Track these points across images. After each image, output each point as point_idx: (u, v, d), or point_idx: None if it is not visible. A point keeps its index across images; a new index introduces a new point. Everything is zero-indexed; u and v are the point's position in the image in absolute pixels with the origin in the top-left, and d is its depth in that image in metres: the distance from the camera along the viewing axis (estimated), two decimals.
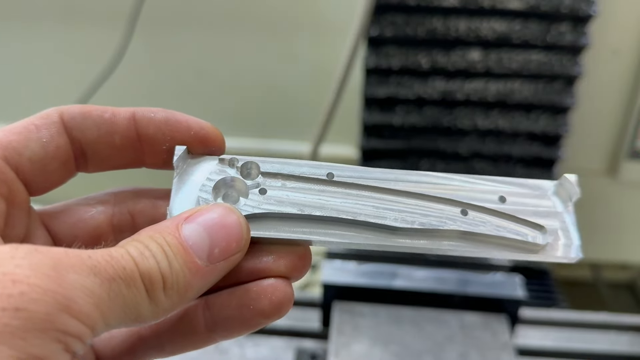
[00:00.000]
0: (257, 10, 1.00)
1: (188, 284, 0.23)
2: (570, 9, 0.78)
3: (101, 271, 0.21)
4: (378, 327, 0.66)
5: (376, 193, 0.27)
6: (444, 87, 0.83)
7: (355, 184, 0.27)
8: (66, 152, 0.27)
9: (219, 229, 0.25)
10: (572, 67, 0.81)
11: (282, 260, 0.27)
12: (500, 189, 0.28)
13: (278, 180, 0.27)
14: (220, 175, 0.27)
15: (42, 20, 1.03)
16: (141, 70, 1.05)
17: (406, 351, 0.64)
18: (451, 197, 0.27)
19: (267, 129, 1.11)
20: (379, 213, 0.27)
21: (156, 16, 0.98)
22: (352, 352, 0.63)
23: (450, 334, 0.66)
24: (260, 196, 0.27)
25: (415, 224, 0.26)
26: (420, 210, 0.27)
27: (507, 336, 0.66)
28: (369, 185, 0.27)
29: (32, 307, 0.19)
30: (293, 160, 0.28)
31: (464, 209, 0.27)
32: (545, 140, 0.85)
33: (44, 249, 0.20)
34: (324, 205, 0.27)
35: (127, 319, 0.22)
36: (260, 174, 0.28)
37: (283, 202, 0.27)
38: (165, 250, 0.23)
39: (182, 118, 0.28)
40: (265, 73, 1.05)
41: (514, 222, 0.27)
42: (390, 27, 0.80)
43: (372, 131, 0.87)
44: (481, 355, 0.63)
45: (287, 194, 0.27)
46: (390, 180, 0.27)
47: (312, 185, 0.27)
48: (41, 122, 0.27)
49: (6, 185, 0.25)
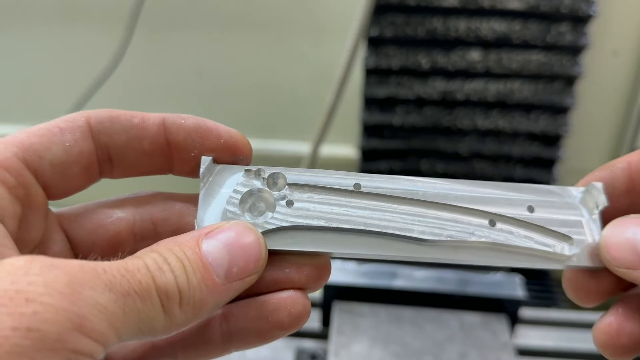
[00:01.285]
0: (257, 10, 1.00)
1: (204, 300, 0.23)
2: (570, 9, 0.78)
3: (116, 286, 0.21)
4: (378, 327, 0.66)
5: (403, 205, 0.27)
6: (444, 87, 0.83)
7: (382, 195, 0.27)
8: (89, 157, 0.26)
9: (238, 248, 0.24)
10: (572, 67, 0.81)
11: (303, 271, 0.26)
12: (528, 198, 0.28)
13: (305, 192, 0.27)
14: (246, 186, 0.27)
15: (42, 20, 1.03)
16: (141, 70, 1.05)
17: (406, 351, 0.64)
18: (479, 207, 0.27)
19: (267, 129, 1.11)
20: (406, 225, 0.27)
21: (156, 16, 0.98)
22: (352, 352, 0.63)
23: (450, 334, 0.66)
24: (287, 208, 0.27)
25: (443, 236, 0.26)
26: (448, 221, 0.27)
27: (507, 336, 0.66)
28: (396, 196, 0.27)
29: (44, 327, 0.19)
30: (319, 171, 0.28)
31: (492, 219, 0.27)
32: (545, 140, 0.86)
33: (59, 263, 0.20)
34: (351, 217, 0.27)
35: (140, 333, 0.22)
36: (287, 185, 0.27)
37: (310, 215, 0.27)
38: (184, 264, 0.23)
39: (212, 125, 0.28)
40: (265, 73, 1.05)
41: (541, 233, 0.27)
42: (390, 27, 0.81)
43: (372, 131, 0.87)
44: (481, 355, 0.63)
45: (314, 206, 0.27)
46: (418, 190, 0.27)
47: (338, 196, 0.27)
48: (66, 126, 0.26)
49: (23, 188, 0.25)
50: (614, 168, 0.29)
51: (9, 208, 0.24)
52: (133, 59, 0.98)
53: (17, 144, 0.25)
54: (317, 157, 0.90)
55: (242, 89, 1.07)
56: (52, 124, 0.26)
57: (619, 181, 0.28)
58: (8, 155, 0.24)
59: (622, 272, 0.25)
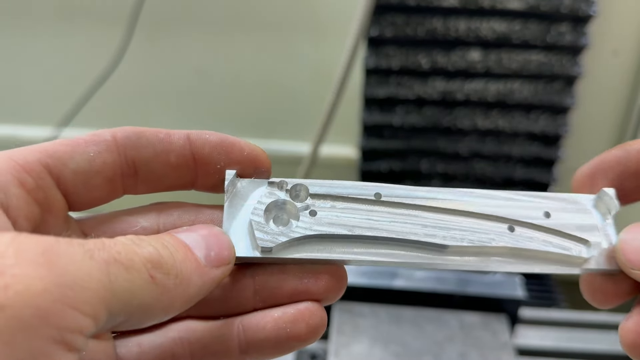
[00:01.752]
0: (257, 10, 1.00)
1: (190, 278, 0.23)
2: (570, 9, 0.78)
3: (96, 254, 0.19)
4: (378, 327, 0.66)
5: (423, 212, 0.28)
6: (444, 87, 0.83)
7: (402, 204, 0.28)
8: (113, 170, 0.27)
9: (212, 236, 0.25)
10: (572, 67, 0.81)
11: (322, 282, 0.27)
12: (543, 204, 0.28)
13: (327, 202, 0.28)
14: (270, 198, 0.28)
15: (42, 20, 1.03)
16: (141, 70, 1.05)
17: (406, 351, 0.64)
18: (497, 214, 0.28)
19: (267, 129, 1.11)
20: (427, 231, 0.27)
21: (156, 16, 0.98)
22: (352, 352, 0.63)
23: (450, 334, 0.66)
24: (311, 218, 0.27)
25: (465, 241, 0.27)
26: (468, 227, 0.27)
27: (507, 336, 0.66)
28: (416, 204, 0.28)
29: (17, 302, 0.16)
30: (340, 182, 0.28)
31: (511, 225, 0.28)
32: (545, 140, 0.86)
33: (32, 235, 0.19)
34: (373, 225, 0.27)
35: (132, 308, 0.20)
36: (309, 196, 0.28)
37: (333, 224, 0.27)
38: (165, 244, 0.23)
39: (234, 140, 0.29)
40: (265, 73, 1.05)
41: (559, 237, 0.28)
42: (390, 27, 0.81)
43: (372, 131, 0.87)
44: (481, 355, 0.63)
45: (336, 215, 0.27)
46: (436, 199, 0.28)
47: (360, 205, 0.28)
48: (90, 139, 0.27)
49: (43, 192, 0.25)
50: (630, 149, 0.29)
51: (24, 208, 0.24)
52: (133, 59, 0.98)
53: (41, 150, 0.25)
54: (317, 157, 0.90)
55: (242, 89, 1.07)
56: (77, 137, 0.27)
57: (632, 162, 0.29)
58: (30, 160, 0.25)
59: (638, 274, 0.26)
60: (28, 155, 0.25)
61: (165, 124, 1.21)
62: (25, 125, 1.11)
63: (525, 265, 0.27)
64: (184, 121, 1.12)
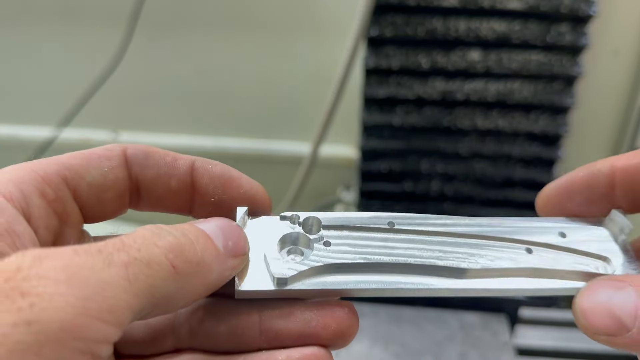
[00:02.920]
0: (257, 10, 1.00)
1: (210, 265, 0.23)
2: (570, 9, 0.78)
3: (115, 260, 0.20)
4: (378, 327, 0.66)
5: (439, 237, 0.27)
6: (444, 87, 0.83)
7: (416, 230, 0.27)
8: (123, 185, 0.27)
9: (229, 227, 0.25)
10: (572, 67, 0.81)
11: (331, 327, 0.26)
12: (557, 225, 0.28)
13: (341, 232, 0.27)
14: (283, 231, 0.27)
15: (42, 20, 1.03)
16: (141, 70, 1.05)
17: (406, 351, 0.64)
18: (513, 236, 0.27)
19: (267, 129, 1.11)
20: (446, 256, 0.26)
21: (156, 16, 0.98)
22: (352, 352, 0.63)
23: (450, 334, 0.66)
24: (326, 248, 0.27)
25: (483, 264, 0.26)
26: (486, 252, 0.27)
27: (506, 336, 0.66)
28: (430, 230, 0.27)
29: (44, 317, 0.17)
30: (352, 213, 0.28)
31: (528, 247, 0.27)
32: (545, 140, 0.85)
33: (51, 252, 0.19)
34: (389, 252, 0.26)
35: (156, 302, 0.21)
36: (322, 228, 0.27)
37: (349, 252, 0.26)
38: (184, 232, 0.23)
39: (236, 175, 0.28)
40: (265, 73, 1.05)
41: (577, 255, 0.27)
42: (390, 27, 0.80)
43: (372, 131, 0.87)
44: (481, 355, 0.63)
45: (351, 244, 0.27)
46: (449, 226, 0.28)
47: (374, 234, 0.27)
48: (103, 153, 0.27)
49: (62, 204, 0.25)
50: (597, 171, 0.28)
51: (44, 219, 0.24)
52: (133, 59, 0.98)
53: (58, 163, 0.26)
54: (317, 157, 0.90)
55: (242, 89, 1.07)
56: (91, 150, 0.27)
57: (599, 184, 0.28)
58: (50, 171, 0.25)
59: (604, 339, 0.24)
60: (47, 167, 0.25)
61: (165, 124, 1.21)
62: (25, 125, 1.11)
63: (547, 286, 0.27)
64: (184, 121, 1.12)
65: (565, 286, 0.27)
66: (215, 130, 1.11)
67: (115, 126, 1.11)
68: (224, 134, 1.11)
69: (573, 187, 0.29)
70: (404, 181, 0.89)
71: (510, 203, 0.89)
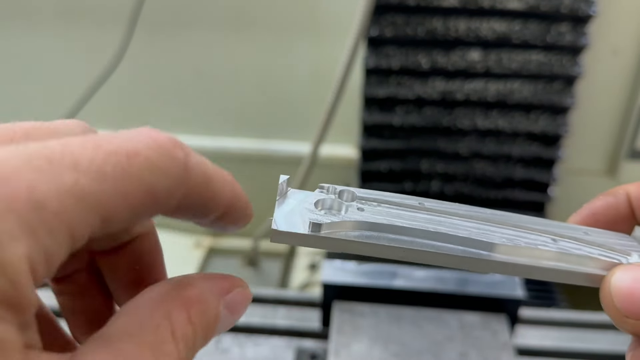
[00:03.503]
0: (257, 10, 1.00)
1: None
2: (570, 9, 0.78)
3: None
4: (378, 327, 0.66)
5: (468, 221, 0.28)
6: (444, 87, 0.83)
7: (447, 212, 0.28)
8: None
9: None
10: (572, 67, 0.81)
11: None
12: (580, 227, 0.29)
13: (374, 204, 0.28)
14: (320, 197, 0.28)
15: (42, 20, 1.03)
16: (141, 70, 1.05)
17: (406, 351, 0.64)
18: (541, 229, 0.28)
19: (267, 129, 1.11)
20: (477, 234, 0.27)
21: (156, 16, 0.98)
22: (352, 352, 0.63)
23: (450, 334, 0.66)
24: (360, 212, 0.27)
25: (512, 242, 0.27)
26: (513, 234, 0.28)
27: (507, 336, 0.66)
28: (460, 213, 0.28)
29: None
30: (384, 192, 0.29)
31: (554, 238, 0.28)
32: (545, 140, 0.86)
33: None
34: (422, 224, 0.27)
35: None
36: (357, 199, 0.28)
37: (381, 217, 0.27)
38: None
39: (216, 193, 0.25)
40: (265, 73, 1.05)
41: (602, 249, 0.28)
42: (390, 27, 0.81)
43: (372, 131, 0.87)
44: (481, 355, 0.63)
45: (385, 212, 0.28)
46: (479, 213, 0.29)
47: (406, 210, 0.28)
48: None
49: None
50: (619, 194, 0.29)
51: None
52: (133, 59, 0.98)
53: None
54: (317, 157, 0.90)
55: (242, 89, 1.07)
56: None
57: (622, 206, 0.29)
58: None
59: (632, 324, 0.24)
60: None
61: (165, 124, 1.21)
62: None
63: (572, 268, 0.27)
64: (184, 121, 1.12)
65: (591, 271, 0.27)
66: (215, 130, 1.11)
67: (115, 126, 1.11)
68: (224, 134, 1.11)
69: (597, 212, 0.30)
70: (404, 181, 0.89)
71: (510, 203, 0.89)
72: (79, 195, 0.17)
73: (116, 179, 0.18)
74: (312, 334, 0.70)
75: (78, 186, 0.17)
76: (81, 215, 0.17)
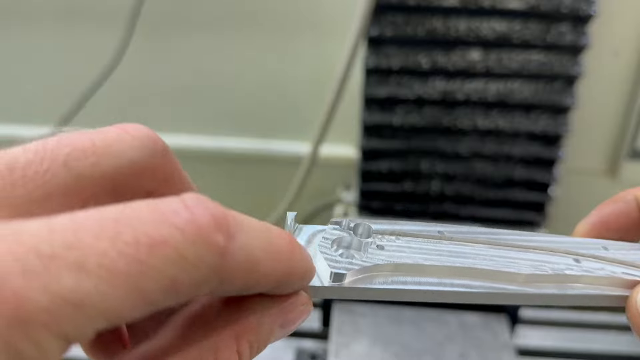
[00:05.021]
0: (257, 10, 1.00)
1: None
2: (570, 9, 0.78)
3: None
4: (378, 327, 0.66)
5: (490, 248, 0.27)
6: (444, 87, 0.83)
7: (468, 239, 0.27)
8: None
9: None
10: (572, 67, 0.81)
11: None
12: (598, 241, 0.29)
13: (392, 237, 0.27)
14: (335, 235, 0.26)
15: (42, 20, 1.03)
16: (141, 70, 1.05)
17: (406, 351, 0.64)
18: (560, 249, 0.28)
19: (267, 129, 1.11)
20: (500, 262, 0.27)
21: (156, 16, 0.98)
22: (352, 352, 0.63)
23: (450, 334, 0.66)
24: (379, 251, 0.26)
25: (539, 270, 0.27)
26: (537, 260, 0.27)
27: (507, 336, 0.66)
28: (481, 239, 0.28)
29: None
30: (401, 221, 0.28)
31: (576, 258, 0.28)
32: (545, 140, 0.85)
33: None
34: (444, 257, 0.26)
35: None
36: (373, 234, 0.27)
37: (404, 256, 0.26)
38: None
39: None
40: (265, 73, 1.05)
41: (624, 265, 0.28)
42: (390, 27, 0.80)
43: (372, 131, 0.86)
44: (481, 355, 0.63)
45: (405, 249, 0.26)
46: (499, 238, 0.28)
47: (426, 242, 0.27)
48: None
49: None
50: (629, 199, 0.29)
51: None
52: (133, 59, 0.98)
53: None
54: (317, 157, 0.90)
55: (242, 89, 1.07)
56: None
57: (634, 211, 0.29)
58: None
59: None
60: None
61: (165, 124, 1.21)
62: (25, 125, 1.11)
63: (599, 292, 0.27)
64: (184, 121, 1.12)
65: (617, 293, 0.27)
66: (215, 130, 1.11)
67: None
68: (224, 134, 1.11)
69: (608, 218, 0.30)
70: (404, 181, 0.89)
71: (510, 203, 0.89)
72: (78, 303, 0.15)
73: (129, 277, 0.15)
74: (312, 334, 0.70)
75: (79, 292, 0.15)
76: (80, 323, 0.15)
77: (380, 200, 0.91)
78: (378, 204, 0.91)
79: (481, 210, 0.90)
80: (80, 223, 0.15)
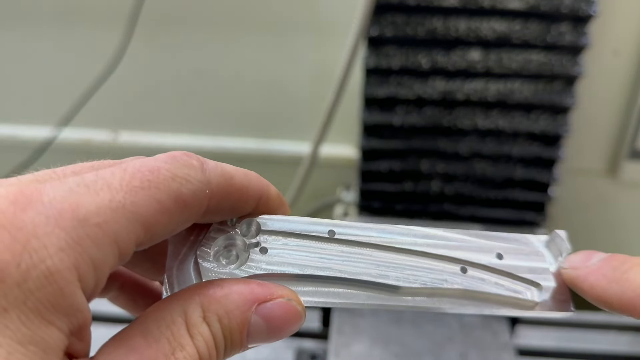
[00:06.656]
0: (257, 10, 1.00)
1: None
2: (570, 9, 0.78)
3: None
4: (378, 327, 0.66)
5: (377, 251, 0.27)
6: (444, 87, 0.83)
7: (356, 242, 0.27)
8: None
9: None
10: (572, 67, 0.81)
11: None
12: (497, 244, 0.29)
13: (279, 239, 0.27)
14: (219, 233, 0.27)
15: (42, 20, 1.03)
16: (141, 70, 1.05)
17: (406, 351, 0.64)
18: (451, 254, 0.28)
19: (267, 129, 1.11)
20: (381, 272, 0.27)
21: (156, 16, 0.98)
22: (352, 352, 0.63)
23: (450, 334, 0.66)
24: (261, 255, 0.26)
25: (417, 282, 0.27)
26: (421, 268, 0.27)
27: (507, 336, 0.66)
28: (370, 242, 0.28)
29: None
30: (294, 218, 0.28)
31: (464, 266, 0.28)
32: (545, 140, 0.85)
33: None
34: (326, 264, 0.27)
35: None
36: (260, 232, 0.27)
37: (284, 262, 0.26)
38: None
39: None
40: (265, 73, 1.05)
41: (511, 279, 0.28)
42: (390, 27, 0.80)
43: (372, 131, 0.87)
44: (481, 355, 0.63)
45: (288, 253, 0.27)
46: (391, 237, 0.28)
47: (313, 243, 0.27)
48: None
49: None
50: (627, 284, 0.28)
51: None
52: (133, 59, 0.98)
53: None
54: (317, 157, 0.90)
55: (242, 89, 1.07)
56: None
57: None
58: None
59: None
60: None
61: (165, 124, 1.21)
62: (25, 125, 1.11)
63: (476, 308, 0.27)
64: (184, 121, 1.12)
65: (494, 309, 0.28)
66: (215, 130, 1.11)
67: (115, 126, 1.11)
68: (224, 134, 1.11)
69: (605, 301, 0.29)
70: (404, 181, 0.89)
71: (510, 203, 0.89)
72: (116, 208, 0.20)
73: (145, 190, 0.21)
74: (312, 334, 0.70)
75: (114, 201, 0.20)
76: (122, 225, 0.20)
77: (380, 200, 0.91)
78: (378, 204, 0.91)
79: (481, 210, 0.90)
80: (99, 172, 0.21)
